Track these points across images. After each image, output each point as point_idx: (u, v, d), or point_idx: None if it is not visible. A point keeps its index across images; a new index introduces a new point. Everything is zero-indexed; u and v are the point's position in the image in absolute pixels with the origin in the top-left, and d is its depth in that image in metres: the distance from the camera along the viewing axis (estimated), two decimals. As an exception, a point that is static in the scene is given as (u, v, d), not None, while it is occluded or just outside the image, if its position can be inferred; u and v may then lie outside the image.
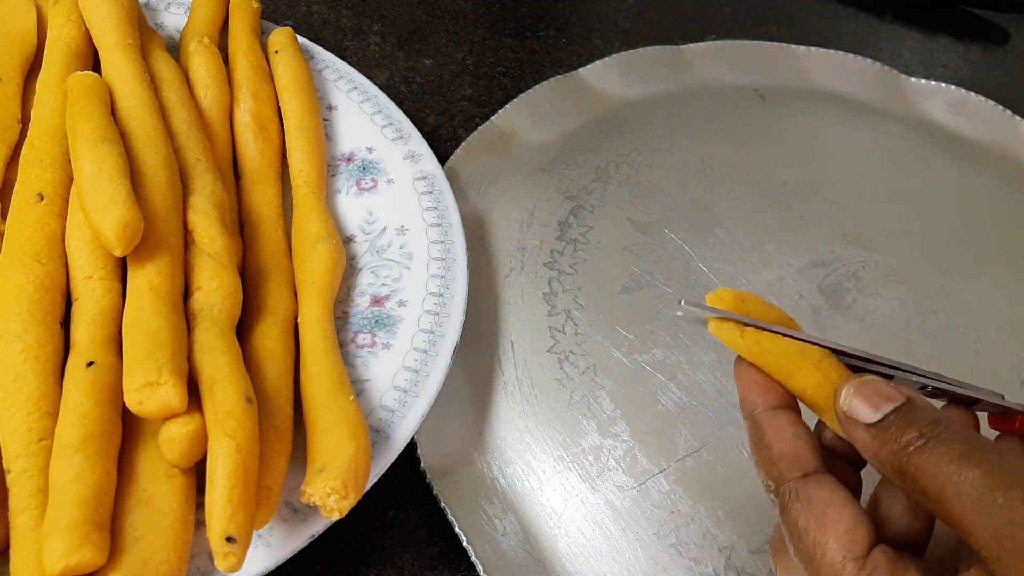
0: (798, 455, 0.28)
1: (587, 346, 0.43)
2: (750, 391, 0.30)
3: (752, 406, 0.29)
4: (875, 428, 0.27)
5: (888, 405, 0.27)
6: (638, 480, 0.39)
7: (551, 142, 0.52)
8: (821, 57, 0.59)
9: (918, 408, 0.27)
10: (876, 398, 0.27)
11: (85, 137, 0.37)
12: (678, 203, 0.49)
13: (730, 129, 0.54)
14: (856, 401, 0.27)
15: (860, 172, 0.52)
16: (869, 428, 0.27)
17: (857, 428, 0.27)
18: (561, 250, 0.46)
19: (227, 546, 0.28)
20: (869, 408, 0.27)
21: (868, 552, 0.25)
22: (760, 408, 0.29)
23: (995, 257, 0.48)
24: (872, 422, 0.27)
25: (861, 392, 0.27)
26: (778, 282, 0.46)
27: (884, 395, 0.27)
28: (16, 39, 0.44)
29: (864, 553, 0.25)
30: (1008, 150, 0.55)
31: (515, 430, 0.40)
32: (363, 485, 0.32)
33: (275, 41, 0.49)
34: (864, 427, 0.27)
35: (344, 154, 0.47)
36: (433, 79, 0.57)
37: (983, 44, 0.65)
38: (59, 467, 0.30)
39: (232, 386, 0.31)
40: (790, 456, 0.28)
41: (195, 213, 0.38)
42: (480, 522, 0.37)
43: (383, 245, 0.43)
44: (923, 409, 0.27)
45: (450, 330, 0.39)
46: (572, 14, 0.63)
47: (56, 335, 0.34)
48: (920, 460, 0.25)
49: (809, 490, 0.27)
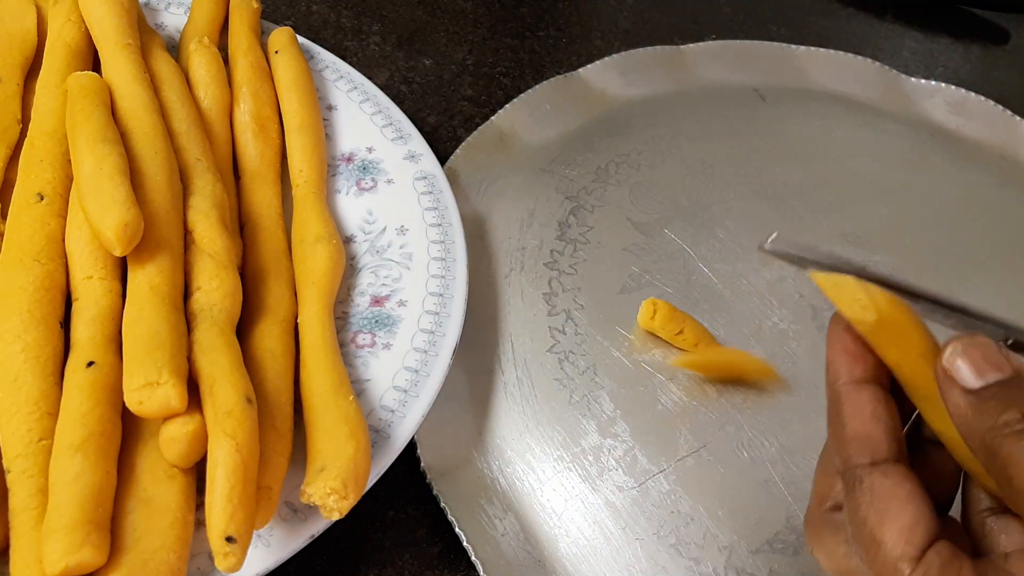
0: (871, 439, 0.26)
1: (587, 346, 0.43)
2: (838, 358, 0.27)
3: (836, 375, 0.27)
4: (974, 395, 0.25)
5: (994, 374, 0.25)
6: (638, 480, 0.39)
7: (551, 142, 0.52)
8: (821, 57, 0.59)
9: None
10: (983, 363, 0.25)
11: (85, 137, 0.37)
12: (678, 203, 0.49)
13: (730, 129, 0.54)
14: (961, 361, 0.25)
15: (860, 172, 0.52)
16: (967, 394, 0.25)
17: (954, 390, 0.25)
18: (561, 250, 0.46)
19: (227, 546, 0.28)
20: (973, 372, 0.25)
21: (923, 553, 0.24)
22: (844, 379, 0.27)
23: (995, 257, 0.48)
24: (973, 387, 0.25)
25: (968, 353, 0.25)
26: (778, 282, 0.46)
27: (992, 362, 0.25)
28: (16, 39, 0.44)
29: (919, 554, 0.24)
30: (1008, 150, 0.55)
31: (515, 430, 0.40)
32: (363, 485, 0.32)
33: (275, 41, 0.49)
34: (962, 391, 0.25)
35: (344, 154, 0.47)
36: (433, 79, 0.57)
37: (983, 44, 0.65)
38: (59, 467, 0.30)
39: (232, 386, 0.31)
40: (862, 438, 0.26)
41: (195, 213, 0.38)
42: (480, 522, 0.37)
43: (383, 245, 0.43)
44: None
45: (450, 330, 0.39)
46: (572, 14, 0.63)
47: (56, 335, 0.34)
48: (1016, 447, 0.23)
49: (874, 480, 0.25)
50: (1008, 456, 0.23)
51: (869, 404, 0.27)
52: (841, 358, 0.27)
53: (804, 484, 0.39)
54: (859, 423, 0.26)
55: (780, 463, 0.39)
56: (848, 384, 0.27)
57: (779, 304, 0.45)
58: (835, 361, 0.27)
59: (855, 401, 0.27)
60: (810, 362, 0.43)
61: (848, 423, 0.26)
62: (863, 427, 0.26)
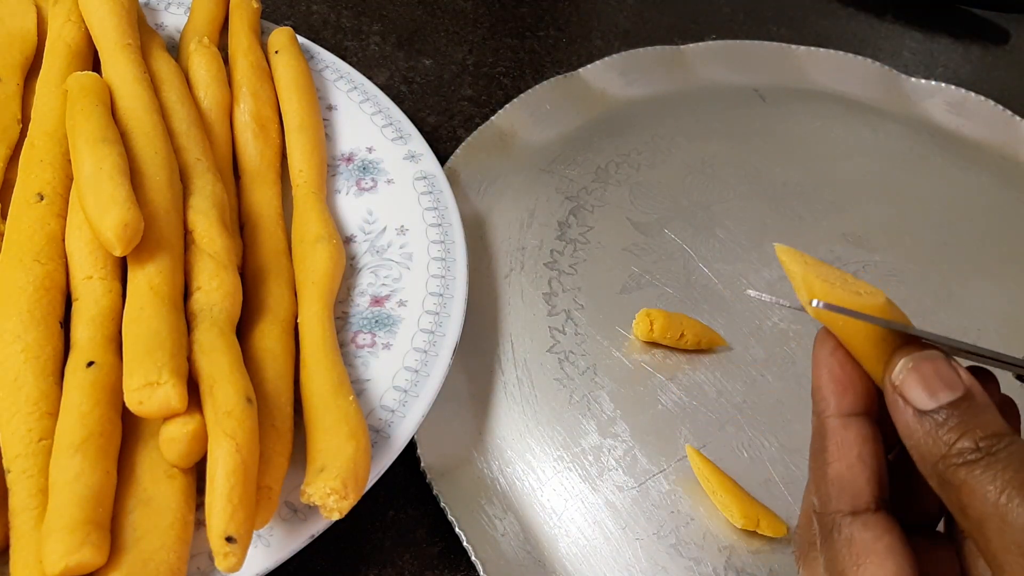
0: (854, 484, 0.25)
1: (587, 346, 0.43)
2: (825, 385, 0.26)
3: (823, 404, 0.26)
4: (926, 417, 0.23)
5: (947, 394, 0.23)
6: (638, 480, 0.39)
7: (551, 142, 0.52)
8: (821, 57, 0.59)
9: (979, 408, 0.23)
10: (935, 380, 0.23)
11: (85, 137, 0.37)
12: (678, 203, 0.49)
13: (730, 129, 0.54)
14: (911, 378, 0.24)
15: (860, 172, 0.52)
16: (918, 415, 0.23)
17: (906, 410, 0.24)
18: (561, 250, 0.46)
19: (227, 546, 0.28)
20: (923, 391, 0.23)
21: None
22: (831, 411, 0.26)
23: (995, 257, 0.48)
24: (924, 409, 0.23)
25: (919, 368, 0.24)
26: (778, 282, 0.46)
27: (944, 380, 0.23)
28: (16, 39, 0.44)
29: None
30: (1008, 150, 0.55)
31: (515, 430, 0.40)
32: (363, 485, 0.32)
33: (275, 41, 0.49)
34: (913, 412, 0.23)
35: (344, 154, 0.47)
36: (433, 79, 0.57)
37: (983, 44, 0.65)
38: (59, 467, 0.30)
39: (232, 386, 0.31)
40: (845, 483, 0.25)
41: (195, 213, 0.38)
42: (480, 522, 0.37)
43: (383, 245, 0.43)
44: (984, 410, 0.23)
45: (450, 330, 0.39)
46: (572, 14, 0.63)
47: (56, 335, 0.34)
48: (970, 478, 0.22)
49: (853, 531, 0.24)
50: (962, 486, 0.22)
51: (856, 445, 0.25)
52: (829, 386, 0.26)
53: (804, 484, 0.39)
54: (842, 466, 0.25)
55: (780, 463, 0.39)
56: (835, 418, 0.25)
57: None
58: (822, 388, 0.26)
59: (841, 441, 0.25)
60: (810, 362, 0.43)
61: (832, 463, 0.25)
62: (847, 471, 0.25)
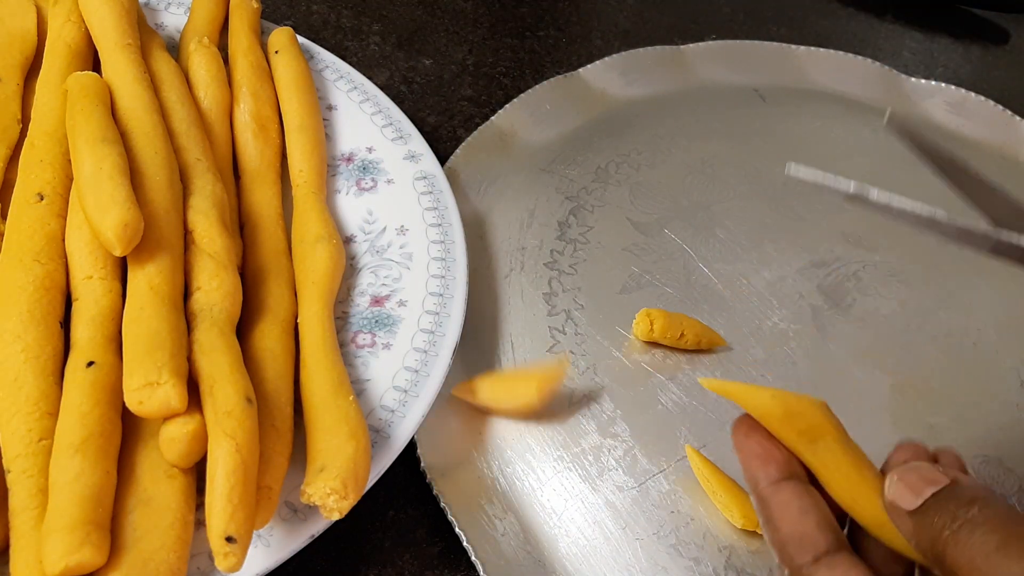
0: (806, 535, 0.26)
1: (587, 346, 0.43)
2: (751, 463, 0.28)
3: (755, 481, 0.28)
4: (917, 514, 0.25)
5: (930, 489, 0.25)
6: (638, 480, 0.39)
7: (551, 142, 0.52)
8: (821, 57, 0.59)
9: (960, 488, 0.25)
10: (919, 483, 0.26)
11: (85, 137, 0.37)
12: (678, 203, 0.49)
13: (730, 129, 0.54)
14: (900, 488, 0.26)
15: (860, 172, 0.52)
16: (911, 515, 0.25)
17: (901, 516, 0.26)
18: (561, 250, 0.46)
19: (227, 546, 0.28)
20: (911, 494, 0.25)
21: None
22: (763, 482, 0.27)
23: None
24: (913, 508, 0.25)
25: (905, 478, 0.26)
26: (778, 282, 0.46)
27: (928, 479, 0.26)
28: (16, 39, 0.44)
29: None
30: (1008, 150, 0.55)
31: (515, 430, 0.40)
32: (363, 485, 0.32)
33: (275, 41, 0.49)
34: (907, 514, 0.25)
35: (344, 154, 0.47)
36: (433, 79, 0.57)
37: (983, 44, 0.65)
38: (59, 467, 0.30)
39: (232, 386, 0.31)
40: (798, 538, 0.26)
41: (195, 213, 0.38)
42: (480, 522, 0.37)
43: (383, 245, 0.43)
44: (965, 489, 0.25)
45: (450, 330, 0.39)
46: (572, 14, 0.63)
47: (56, 335, 0.34)
48: (955, 550, 0.24)
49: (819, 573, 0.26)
50: (953, 561, 0.24)
51: (794, 501, 0.27)
52: (753, 463, 0.28)
53: (804, 484, 0.39)
54: (790, 524, 0.26)
55: (780, 463, 0.39)
56: (768, 487, 0.27)
57: (779, 304, 0.45)
58: (749, 467, 0.28)
59: (779, 503, 0.27)
60: (810, 362, 0.43)
61: (780, 526, 0.27)
62: (796, 527, 0.26)
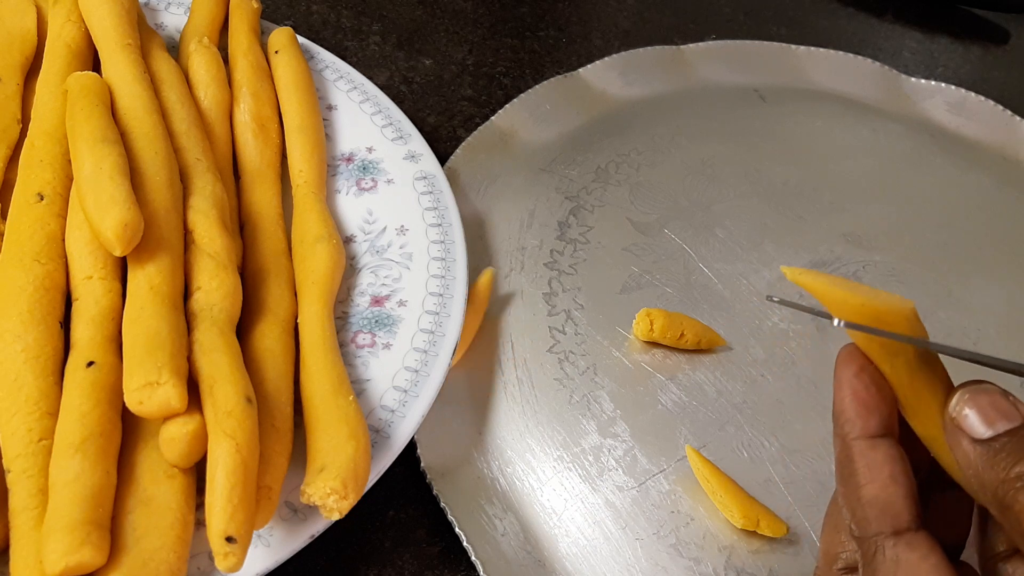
0: (892, 505, 0.25)
1: (587, 346, 0.43)
2: (849, 406, 0.26)
3: (848, 426, 0.26)
4: (984, 446, 0.24)
5: (1004, 423, 0.24)
6: (638, 480, 0.39)
7: (551, 142, 0.52)
8: (821, 57, 0.59)
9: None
10: (991, 411, 0.24)
11: (85, 137, 0.37)
12: (678, 203, 0.49)
13: (730, 129, 0.54)
14: (968, 410, 0.24)
15: (860, 172, 0.52)
16: (976, 444, 0.24)
17: (962, 440, 0.24)
18: (561, 250, 0.46)
19: (227, 546, 0.28)
20: (981, 421, 0.24)
21: None
22: (857, 433, 0.26)
23: (995, 257, 0.48)
24: (982, 437, 0.24)
25: (976, 400, 0.24)
26: (778, 282, 0.46)
27: (1001, 410, 0.24)
28: (16, 39, 0.44)
29: None
30: (1008, 150, 0.55)
31: (515, 430, 0.40)
32: (363, 485, 0.32)
33: (275, 41, 0.49)
34: (971, 441, 0.24)
35: (344, 154, 0.47)
36: (433, 79, 0.57)
37: (983, 44, 0.65)
38: (59, 467, 0.30)
39: (232, 386, 0.31)
40: (883, 504, 0.25)
41: (195, 213, 0.38)
42: (480, 522, 0.37)
43: (383, 245, 0.43)
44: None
45: (450, 330, 0.39)
46: (572, 14, 0.63)
47: (56, 335, 0.34)
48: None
49: (899, 552, 0.24)
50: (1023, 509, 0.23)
51: (887, 465, 0.25)
52: (852, 407, 0.26)
53: (804, 484, 0.39)
54: (877, 488, 0.25)
55: (780, 463, 0.39)
56: (861, 440, 0.26)
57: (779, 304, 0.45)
58: (846, 410, 0.26)
59: (871, 462, 0.25)
60: (810, 362, 0.43)
61: (865, 485, 0.25)
62: (882, 492, 0.25)
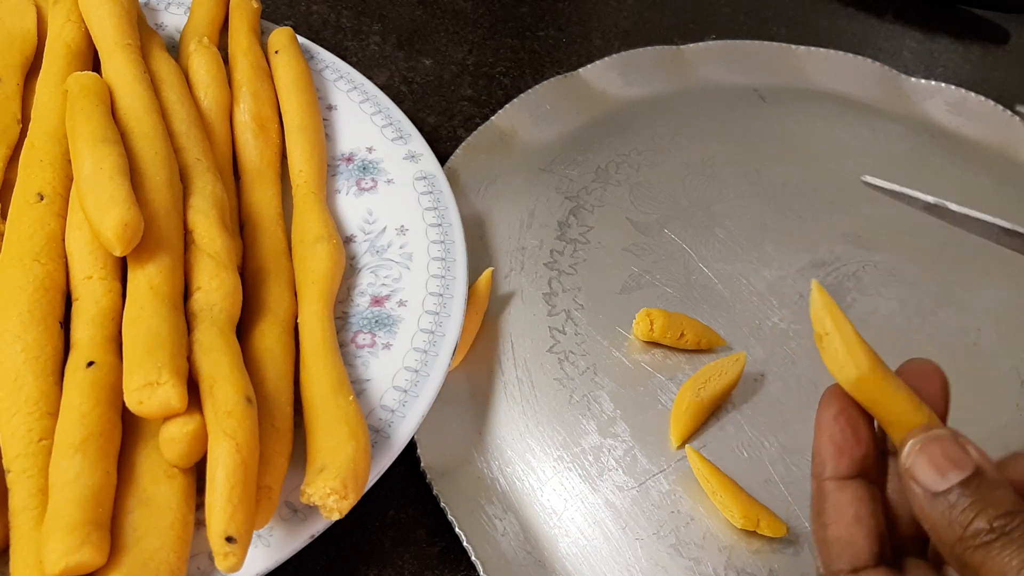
0: (853, 543, 0.26)
1: (587, 346, 0.43)
2: (824, 448, 0.27)
3: (821, 467, 0.27)
4: (939, 499, 0.24)
5: (956, 474, 0.24)
6: (638, 480, 0.39)
7: (551, 142, 0.52)
8: (821, 57, 0.59)
9: (990, 485, 0.24)
10: (943, 461, 0.24)
11: (85, 137, 0.37)
12: (678, 203, 0.49)
13: (730, 129, 0.54)
14: (920, 459, 0.24)
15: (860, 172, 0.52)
16: (932, 497, 0.24)
17: (918, 492, 0.24)
18: (561, 250, 0.46)
19: (227, 546, 0.28)
20: (933, 472, 0.24)
21: None
22: (828, 474, 0.26)
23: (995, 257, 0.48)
24: (936, 491, 0.24)
25: (927, 450, 0.24)
26: (778, 282, 0.46)
27: (953, 459, 0.24)
28: (16, 39, 0.44)
29: None
30: (1008, 150, 0.55)
31: (515, 430, 0.40)
32: (363, 485, 0.32)
33: (275, 41, 0.49)
34: (925, 493, 0.24)
35: (344, 154, 0.47)
36: (433, 79, 0.57)
37: (983, 44, 0.65)
38: (59, 467, 0.30)
39: (232, 386, 0.31)
40: (844, 542, 0.26)
41: (195, 213, 0.38)
42: (480, 522, 0.37)
43: (383, 245, 0.43)
44: (995, 487, 0.24)
45: (450, 330, 0.39)
46: (572, 14, 0.63)
47: (56, 335, 0.34)
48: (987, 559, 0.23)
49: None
50: (980, 567, 0.23)
51: (851, 506, 0.26)
52: (828, 449, 0.27)
53: (804, 484, 0.39)
54: (840, 527, 0.26)
55: (780, 463, 0.39)
56: (832, 481, 0.26)
57: (779, 304, 0.45)
58: (821, 451, 0.27)
59: (838, 502, 0.26)
60: (810, 362, 0.43)
61: (829, 525, 0.26)
62: (844, 531, 0.26)
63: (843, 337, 0.26)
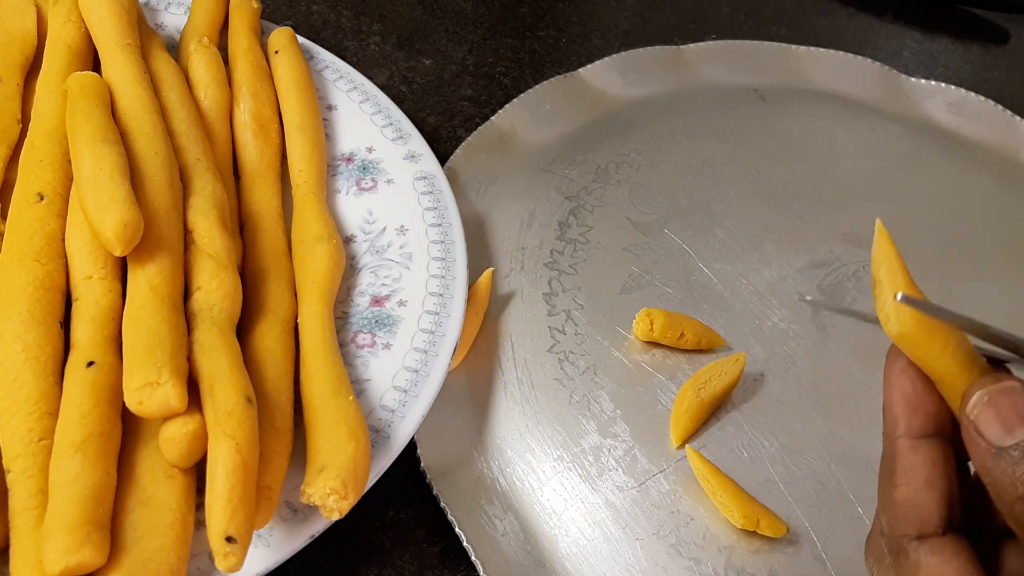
0: (921, 508, 0.24)
1: (587, 346, 0.43)
2: (896, 404, 0.25)
3: (893, 425, 0.25)
4: (1002, 454, 0.22)
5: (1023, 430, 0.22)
6: (638, 480, 0.39)
7: (551, 142, 0.52)
8: (821, 57, 0.59)
9: None
10: (1012, 415, 0.22)
11: (85, 137, 0.37)
12: (678, 203, 0.49)
13: (730, 129, 0.54)
14: (987, 413, 0.23)
15: (860, 172, 0.52)
16: (994, 451, 0.22)
17: (980, 445, 0.23)
18: (561, 250, 0.46)
19: (227, 546, 0.28)
20: (999, 426, 0.23)
21: None
22: (901, 431, 0.25)
23: (995, 257, 0.48)
24: (1001, 446, 0.22)
25: (995, 402, 0.23)
26: (778, 282, 0.46)
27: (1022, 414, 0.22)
28: (16, 39, 0.44)
29: None
30: (1008, 150, 0.55)
31: (515, 430, 0.40)
32: (363, 485, 0.32)
33: (275, 41, 0.49)
34: (988, 448, 0.23)
35: (344, 154, 0.47)
36: (433, 79, 0.57)
37: (983, 44, 0.65)
38: (59, 467, 0.30)
39: (232, 386, 0.31)
40: (912, 506, 0.24)
41: (195, 213, 0.38)
42: (480, 522, 0.37)
43: (383, 245, 0.43)
44: None
45: (450, 330, 0.39)
46: (572, 14, 0.63)
47: (56, 335, 0.34)
48: None
49: (920, 556, 0.24)
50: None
51: (925, 467, 0.24)
52: (899, 405, 0.25)
53: (804, 484, 0.39)
54: (910, 489, 0.24)
55: (780, 463, 0.39)
56: (904, 440, 0.25)
57: (779, 304, 0.45)
58: (892, 407, 0.25)
59: (910, 463, 0.25)
60: (810, 362, 0.43)
61: (899, 487, 0.25)
62: (914, 495, 0.24)
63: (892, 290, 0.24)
